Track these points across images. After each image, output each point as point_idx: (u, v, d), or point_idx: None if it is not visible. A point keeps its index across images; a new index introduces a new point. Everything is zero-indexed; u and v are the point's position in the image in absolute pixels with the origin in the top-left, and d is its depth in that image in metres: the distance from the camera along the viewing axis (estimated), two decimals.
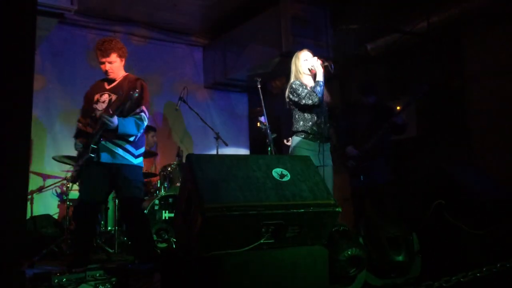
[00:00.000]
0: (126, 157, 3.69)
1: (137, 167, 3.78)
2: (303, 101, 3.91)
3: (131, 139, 3.71)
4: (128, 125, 3.61)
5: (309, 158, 2.82)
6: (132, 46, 7.01)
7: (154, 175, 5.87)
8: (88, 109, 3.81)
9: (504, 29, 5.00)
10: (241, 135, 8.02)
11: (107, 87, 3.82)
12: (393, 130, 4.83)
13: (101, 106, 3.72)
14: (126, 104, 3.58)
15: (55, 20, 4.94)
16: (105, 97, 3.75)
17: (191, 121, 7.12)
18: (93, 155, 3.56)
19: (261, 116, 4.58)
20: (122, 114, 3.63)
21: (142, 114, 3.69)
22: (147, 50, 7.16)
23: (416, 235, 3.12)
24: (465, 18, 4.99)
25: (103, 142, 3.63)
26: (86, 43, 6.47)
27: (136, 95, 3.56)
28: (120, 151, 3.68)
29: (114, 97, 3.73)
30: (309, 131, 3.96)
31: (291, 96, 3.99)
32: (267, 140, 4.41)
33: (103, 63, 3.74)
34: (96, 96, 3.77)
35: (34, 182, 5.60)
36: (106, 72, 3.77)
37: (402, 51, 5.87)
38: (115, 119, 3.51)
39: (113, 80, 3.83)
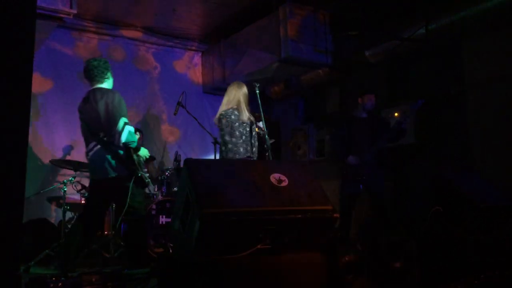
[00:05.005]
0: None
1: None
2: None
3: None
4: None
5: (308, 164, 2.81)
6: (131, 50, 7.02)
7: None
8: None
9: (504, 35, 5.01)
10: None
11: None
12: (395, 135, 4.85)
13: None
14: None
15: (54, 23, 4.93)
16: None
17: (190, 126, 7.11)
18: None
19: (259, 122, 4.58)
20: None
21: None
22: (145, 54, 7.16)
23: (415, 241, 3.11)
24: (464, 24, 5.00)
25: None
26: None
27: None
28: None
29: None
30: None
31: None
32: (265, 146, 4.41)
33: None
34: None
35: (31, 186, 5.55)
36: None
37: (401, 57, 5.88)
38: None
39: None
